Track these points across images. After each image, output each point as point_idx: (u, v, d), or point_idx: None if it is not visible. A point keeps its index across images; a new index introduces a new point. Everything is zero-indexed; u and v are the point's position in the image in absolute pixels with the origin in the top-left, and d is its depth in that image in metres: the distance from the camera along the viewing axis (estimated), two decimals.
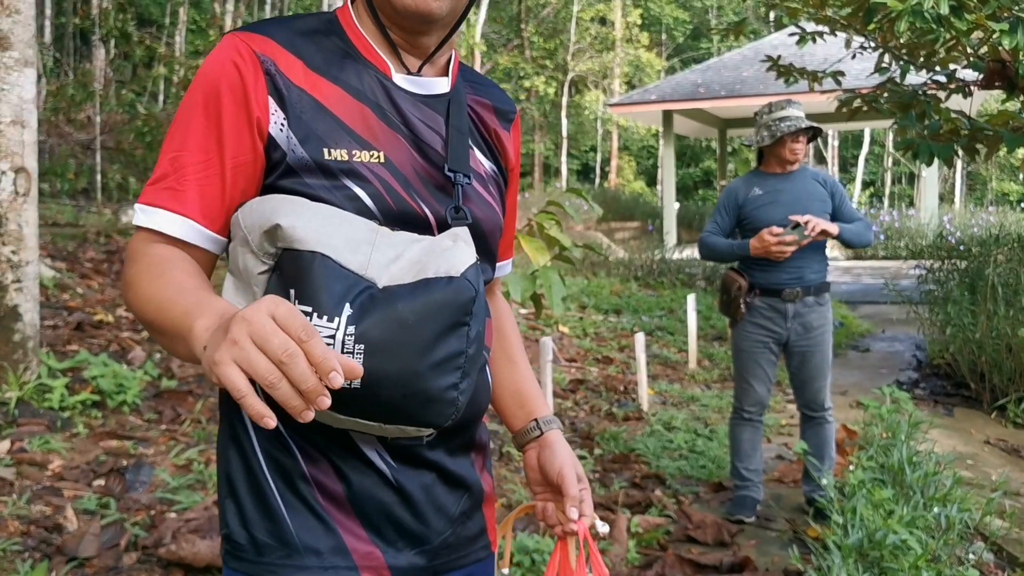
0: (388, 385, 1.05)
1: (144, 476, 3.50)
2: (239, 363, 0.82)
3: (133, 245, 1.13)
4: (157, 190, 1.12)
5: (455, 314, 1.09)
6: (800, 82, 8.44)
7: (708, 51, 33.66)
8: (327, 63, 1.15)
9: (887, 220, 19.60)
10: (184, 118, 1.13)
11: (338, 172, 1.11)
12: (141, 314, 1.08)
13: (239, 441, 1.17)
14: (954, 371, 6.67)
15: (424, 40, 1.20)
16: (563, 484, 1.28)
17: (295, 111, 1.11)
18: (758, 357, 3.98)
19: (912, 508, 3.59)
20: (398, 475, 1.16)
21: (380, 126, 1.16)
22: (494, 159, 1.32)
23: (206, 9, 25.00)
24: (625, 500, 4.07)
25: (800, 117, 3.88)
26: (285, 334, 0.83)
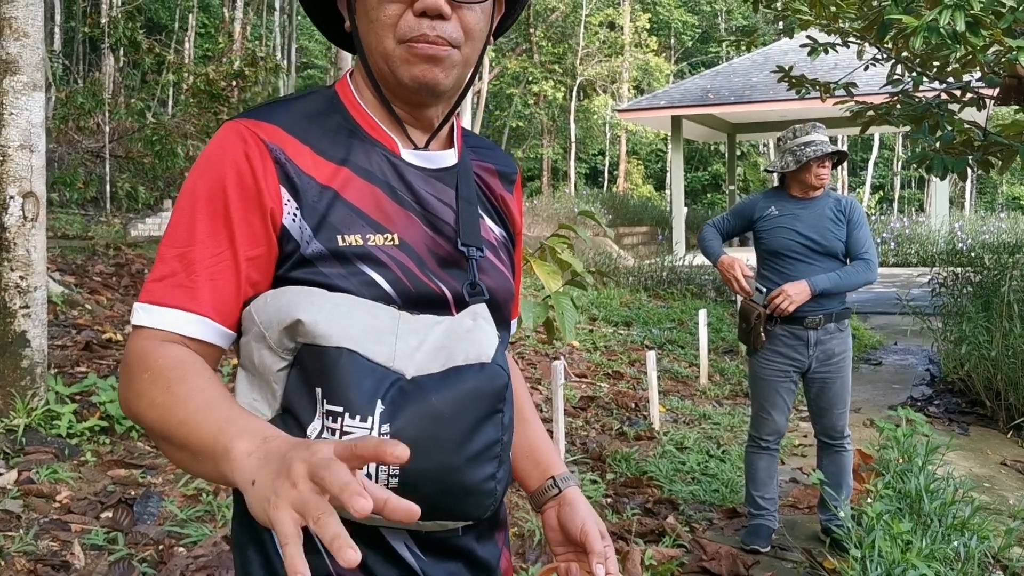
0: (426, 482, 1.03)
1: (152, 507, 3.46)
2: (295, 507, 0.76)
3: (136, 346, 1.04)
4: (164, 288, 1.05)
5: (490, 402, 1.09)
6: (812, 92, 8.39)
7: (717, 55, 33.60)
8: (334, 146, 1.11)
9: (897, 226, 19.49)
10: (188, 212, 1.07)
11: (353, 258, 1.07)
12: (155, 429, 0.98)
13: (260, 539, 1.11)
14: (969, 388, 6.60)
15: (428, 112, 1.17)
16: (587, 541, 1.25)
17: (307, 199, 1.07)
18: (778, 386, 3.92)
19: (931, 540, 3.53)
20: (426, 568, 1.12)
21: (392, 206, 1.12)
22: (503, 224, 1.29)
23: (215, 14, 25.05)
24: (639, 529, 4.02)
25: (825, 142, 3.81)
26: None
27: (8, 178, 3.83)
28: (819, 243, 3.82)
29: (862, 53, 8.33)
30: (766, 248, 3.94)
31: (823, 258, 3.83)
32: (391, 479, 1.01)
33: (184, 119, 13.42)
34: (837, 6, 7.14)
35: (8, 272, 3.88)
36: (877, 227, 20.25)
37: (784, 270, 3.87)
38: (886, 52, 7.50)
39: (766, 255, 3.96)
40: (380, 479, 1.01)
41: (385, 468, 1.01)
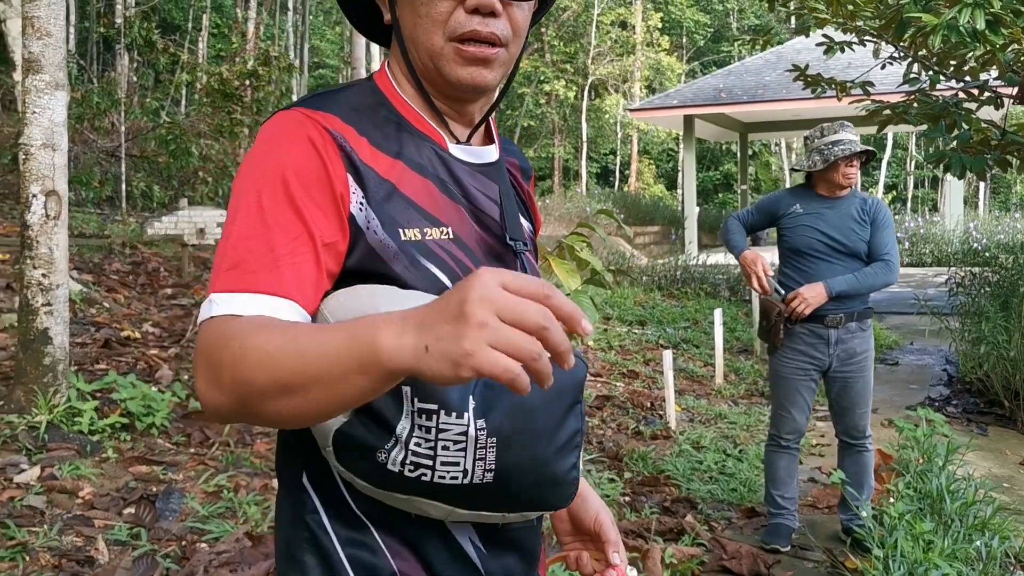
0: (520, 475, 1.03)
1: (174, 504, 3.47)
2: (497, 345, 0.73)
3: (212, 330, 0.94)
4: (240, 274, 0.97)
5: (573, 393, 1.10)
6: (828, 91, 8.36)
7: (729, 55, 33.51)
8: (387, 139, 1.10)
9: (911, 226, 19.40)
10: (254, 200, 1.01)
11: (414, 252, 1.06)
12: (270, 383, 0.87)
13: (319, 545, 1.08)
14: (987, 388, 6.56)
15: (470, 108, 1.17)
16: (602, 531, 1.27)
17: (371, 190, 1.05)
18: (798, 385, 3.91)
19: (952, 539, 3.51)
20: (485, 562, 1.12)
21: (444, 200, 1.12)
22: (529, 218, 1.30)
23: (228, 14, 25.12)
24: (658, 527, 4.01)
25: (854, 141, 3.80)
26: (534, 301, 0.76)
27: (31, 176, 3.85)
28: (842, 243, 3.80)
29: (879, 52, 8.29)
30: (789, 246, 3.93)
31: (846, 258, 3.81)
32: (487, 474, 1.00)
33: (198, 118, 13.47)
34: (855, 4, 7.10)
35: (31, 270, 3.90)
36: None
37: (806, 268, 3.86)
38: (903, 51, 7.47)
39: (788, 253, 3.95)
40: (476, 473, 1.00)
41: (482, 463, 1.00)
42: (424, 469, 0.99)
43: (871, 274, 3.76)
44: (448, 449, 0.98)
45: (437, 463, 0.99)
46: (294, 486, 1.10)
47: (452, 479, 1.00)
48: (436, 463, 0.99)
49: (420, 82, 1.13)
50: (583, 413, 1.14)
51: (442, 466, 0.99)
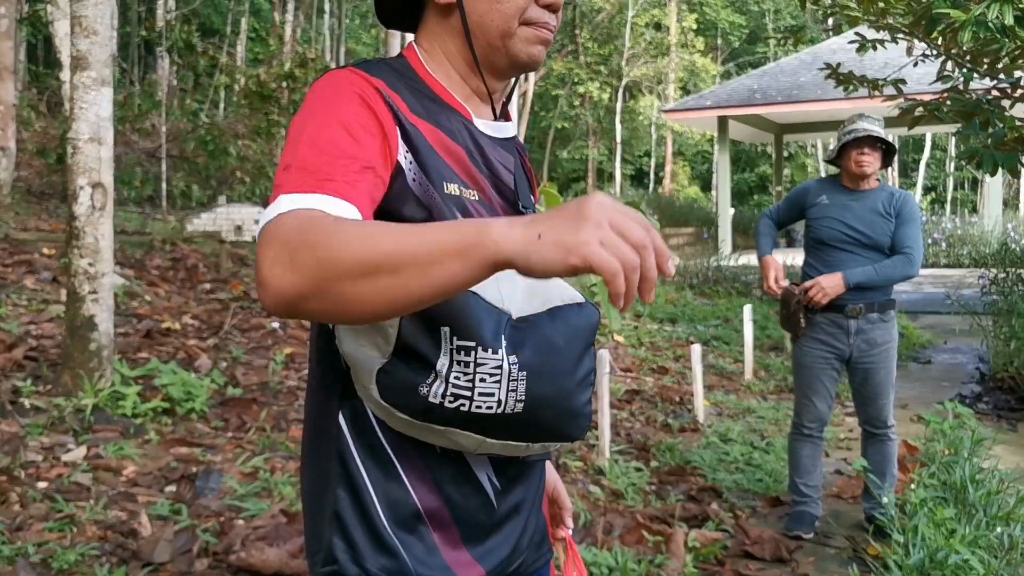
0: (546, 406, 1.15)
1: (213, 483, 3.61)
2: (606, 246, 0.83)
3: (288, 219, 0.95)
4: (310, 182, 1.01)
5: (589, 335, 1.22)
6: (860, 90, 8.35)
7: (764, 55, 33.33)
8: (422, 106, 1.21)
9: (949, 227, 19.19)
10: (315, 130, 1.08)
11: (454, 206, 1.17)
12: (361, 253, 0.89)
13: (352, 479, 1.18)
14: (1018, 385, 6.54)
15: (500, 85, 1.30)
16: (559, 499, 1.47)
17: (416, 144, 1.16)
18: (819, 373, 3.96)
19: (975, 527, 3.54)
20: (498, 497, 1.24)
21: (471, 167, 1.23)
22: (531, 190, 1.42)
23: (266, 18, 25.48)
24: (682, 514, 4.08)
25: (864, 128, 3.84)
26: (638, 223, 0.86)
27: (78, 169, 4.02)
28: (867, 235, 3.84)
29: (911, 49, 8.27)
30: (814, 236, 3.98)
31: (869, 251, 3.85)
32: (517, 404, 1.12)
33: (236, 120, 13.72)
34: (885, 1, 7.11)
35: (78, 259, 4.06)
36: (928, 228, 19.97)
37: (829, 259, 3.91)
38: (936, 48, 7.45)
39: (813, 243, 4.00)
40: (508, 403, 1.11)
41: (514, 394, 1.11)
42: (463, 400, 1.10)
43: (890, 266, 3.79)
44: (485, 381, 1.10)
45: (475, 394, 1.10)
46: (328, 425, 1.20)
47: (488, 409, 1.11)
48: (474, 394, 1.10)
49: (475, 58, 1.24)
50: (595, 355, 1.26)
51: (479, 396, 1.10)
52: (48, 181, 11.21)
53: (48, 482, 3.43)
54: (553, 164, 34.41)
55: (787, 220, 4.19)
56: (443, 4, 1.25)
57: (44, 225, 8.76)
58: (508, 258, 0.86)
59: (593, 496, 4.24)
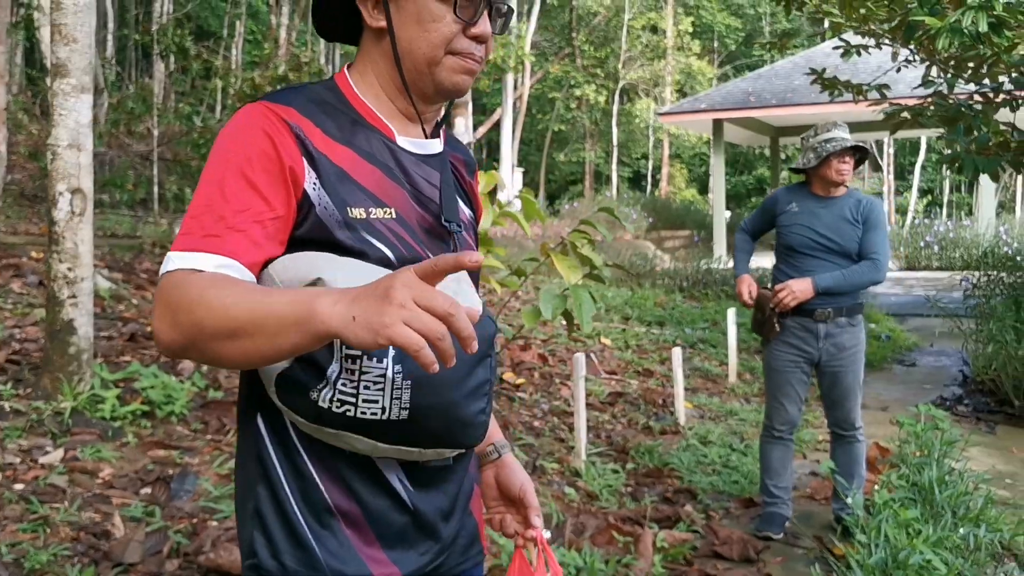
0: (432, 415, 1.22)
1: (188, 485, 3.66)
2: (410, 323, 0.92)
3: (171, 280, 1.12)
4: (195, 238, 1.15)
5: (482, 347, 1.26)
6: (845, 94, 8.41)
7: (761, 58, 33.39)
8: (340, 130, 1.28)
9: (942, 230, 19.25)
10: (217, 178, 1.19)
11: (359, 228, 1.23)
12: (219, 327, 1.05)
13: (270, 478, 1.25)
14: (998, 388, 6.59)
15: (430, 108, 1.37)
16: (525, 497, 1.47)
17: (323, 172, 1.23)
18: (789, 376, 4.02)
19: (941, 528, 3.59)
20: (414, 498, 1.29)
21: (389, 184, 1.29)
22: (471, 207, 1.48)
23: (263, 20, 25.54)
24: (654, 515, 4.13)
25: (846, 138, 3.90)
26: (443, 294, 0.95)
27: (57, 175, 4.07)
28: (835, 242, 3.90)
29: (896, 55, 8.33)
30: (784, 243, 4.04)
31: (838, 257, 3.91)
32: (402, 411, 1.19)
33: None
34: (867, 8, 7.17)
35: (57, 264, 4.11)
36: (920, 230, 20.03)
37: (799, 265, 3.96)
38: (920, 54, 7.51)
39: (783, 250, 4.06)
40: (392, 411, 1.18)
41: (398, 401, 1.18)
42: (349, 406, 1.17)
43: (858, 272, 3.85)
44: (369, 389, 1.17)
45: (360, 400, 1.17)
46: (251, 427, 1.28)
47: (372, 415, 1.18)
48: (359, 400, 1.17)
49: (405, 82, 1.31)
50: (493, 367, 1.32)
51: (364, 403, 1.17)
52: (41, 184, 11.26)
53: (25, 484, 3.48)
54: (550, 167, 34.47)
55: (761, 230, 4.26)
56: (376, 28, 1.31)
57: (34, 229, 8.81)
58: (334, 334, 0.98)
59: (568, 497, 4.29)
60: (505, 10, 1.33)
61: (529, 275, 4.46)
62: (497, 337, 1.40)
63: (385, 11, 1.29)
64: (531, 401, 5.95)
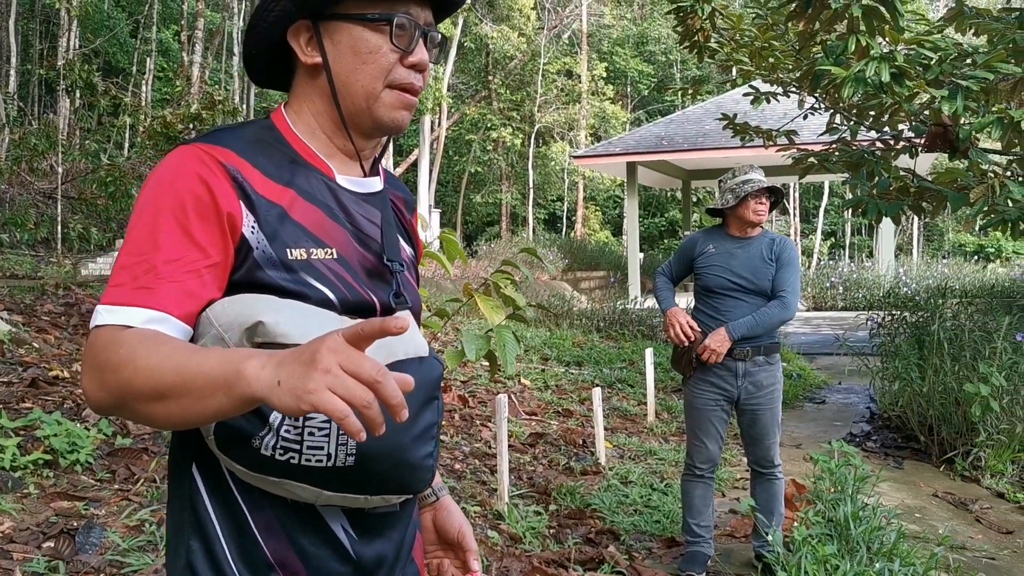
0: (380, 460, 1.18)
1: (95, 538, 3.48)
2: (335, 390, 0.89)
3: (101, 336, 1.09)
4: (127, 290, 1.12)
5: (429, 390, 1.26)
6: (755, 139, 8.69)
7: (673, 104, 34.31)
8: (279, 170, 1.24)
9: (845, 271, 19.96)
10: (148, 225, 1.15)
11: (299, 269, 1.20)
12: (147, 388, 1.02)
13: (204, 531, 1.19)
14: (904, 424, 6.81)
15: (369, 144, 1.34)
16: (464, 540, 1.46)
17: (262, 215, 1.19)
18: (710, 415, 4.07)
19: (857, 563, 3.66)
20: (356, 546, 1.24)
21: (331, 224, 1.26)
22: (411, 244, 1.46)
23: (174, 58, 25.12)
24: (578, 556, 4.11)
25: (762, 180, 4.01)
26: (370, 359, 0.92)
27: None
28: (751, 282, 3.99)
29: (803, 103, 8.66)
30: (702, 285, 4.11)
31: (755, 296, 4.00)
32: (348, 457, 1.15)
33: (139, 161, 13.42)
34: (775, 57, 7.44)
35: None
36: (826, 271, 20.72)
37: (717, 306, 4.04)
38: (826, 102, 7.82)
39: (702, 291, 4.13)
40: (339, 457, 1.14)
41: (344, 446, 1.14)
42: (292, 453, 1.12)
43: (767, 313, 3.94)
44: (314, 435, 1.13)
45: (304, 447, 1.13)
46: (184, 475, 1.22)
47: (317, 462, 1.13)
48: (303, 447, 1.13)
49: (342, 118, 1.28)
50: (440, 408, 1.30)
51: (308, 450, 1.13)
52: None
53: None
54: (467, 208, 34.59)
55: (680, 274, 4.30)
56: (310, 64, 1.28)
57: None
58: (260, 399, 0.95)
59: (491, 541, 4.24)
60: (439, 39, 1.33)
61: (451, 316, 4.43)
62: None
63: (319, 47, 1.27)
64: (452, 444, 5.89)
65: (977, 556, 4.61)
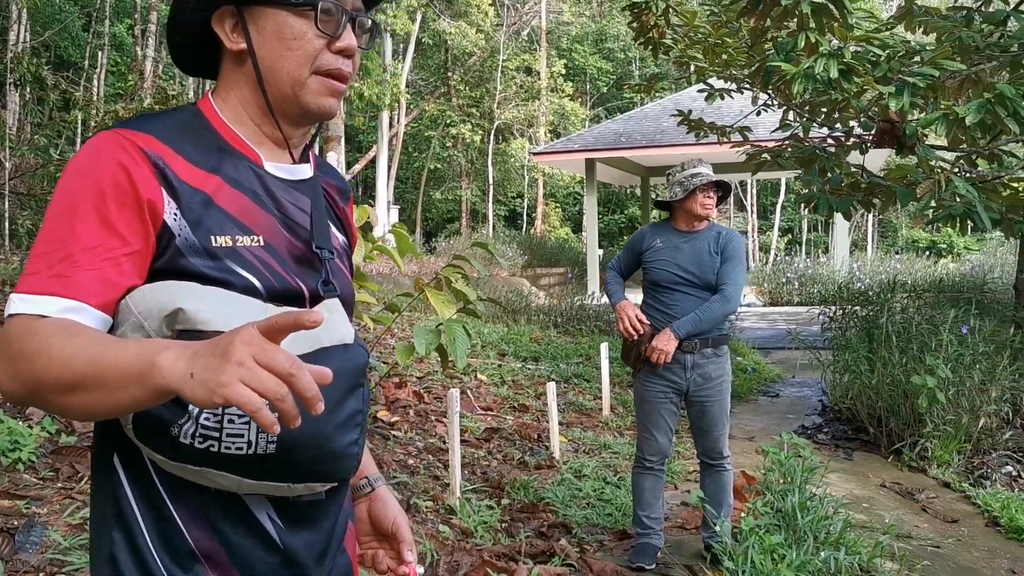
0: (302, 447, 1.16)
1: (35, 536, 3.42)
2: (248, 383, 0.88)
3: (14, 326, 1.07)
4: (42, 279, 1.10)
5: (354, 377, 1.24)
6: (710, 136, 8.77)
7: (631, 101, 34.48)
8: (204, 156, 1.22)
9: (801, 267, 20.21)
10: (66, 213, 1.13)
11: (224, 257, 1.18)
12: (61, 380, 1.01)
13: (125, 521, 1.17)
14: (854, 416, 6.91)
15: (298, 132, 1.32)
16: (398, 531, 1.44)
17: (184, 202, 1.17)
18: (659, 407, 4.09)
19: (804, 552, 3.71)
20: (283, 536, 1.23)
21: (257, 211, 1.24)
22: (344, 232, 1.44)
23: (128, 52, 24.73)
24: (529, 550, 4.11)
25: (710, 174, 4.05)
26: (285, 352, 0.91)
27: None
28: (697, 275, 4.02)
29: (756, 99, 8.75)
30: (650, 279, 4.14)
31: (700, 290, 4.03)
32: (269, 445, 1.13)
33: None
34: (728, 54, 7.51)
35: None
36: (782, 267, 20.96)
37: (664, 299, 4.07)
38: (779, 99, 7.91)
39: (649, 285, 4.16)
40: (259, 445, 1.13)
41: (264, 435, 1.12)
42: (212, 441, 1.11)
43: (710, 309, 3.98)
44: (234, 422, 1.11)
45: (223, 435, 1.11)
46: (106, 466, 1.20)
47: (237, 449, 1.12)
48: (223, 435, 1.11)
49: (270, 105, 1.26)
50: (366, 396, 1.28)
51: (228, 437, 1.11)
52: None
53: None
54: (427, 205, 34.48)
55: (630, 268, 4.33)
56: (236, 51, 1.26)
57: None
58: (174, 390, 0.94)
59: (442, 535, 4.23)
60: (369, 25, 1.31)
61: (403, 311, 4.41)
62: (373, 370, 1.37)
63: (244, 33, 1.25)
64: (406, 439, 5.86)
65: (922, 544, 4.70)
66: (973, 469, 5.96)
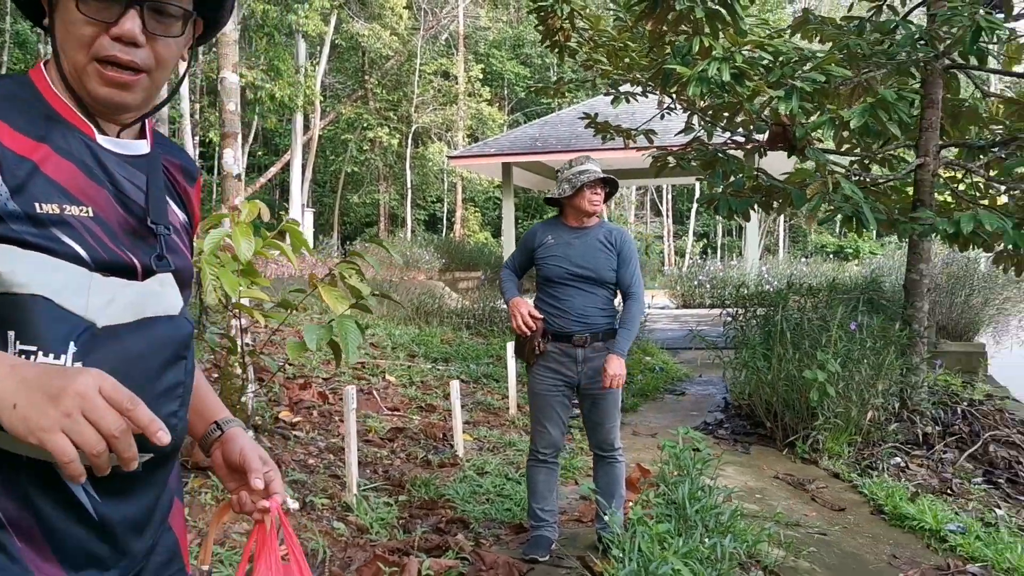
0: None
1: None
2: (68, 434, 0.90)
3: None
4: None
5: (177, 348, 1.24)
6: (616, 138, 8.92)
7: (548, 106, 34.77)
8: (32, 125, 1.20)
9: (713, 270, 20.68)
10: None
11: (49, 223, 1.16)
12: None
13: None
14: (752, 412, 7.10)
15: (120, 117, 1.30)
16: (245, 461, 1.40)
17: (6, 167, 1.14)
18: (551, 400, 4.15)
19: (692, 540, 3.80)
20: (99, 507, 1.20)
21: (88, 183, 1.22)
22: (185, 211, 1.44)
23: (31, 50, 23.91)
24: (424, 545, 4.12)
25: (597, 171, 4.12)
26: (116, 412, 0.92)
27: None
28: (590, 270, 4.09)
29: (662, 103, 8.94)
30: (542, 275, 4.19)
31: (593, 285, 4.11)
32: None
33: None
34: (631, 58, 7.66)
35: None
36: (694, 270, 21.41)
37: (557, 295, 4.12)
38: (682, 103, 8.10)
39: (543, 282, 4.21)
40: None
41: None
42: None
43: (632, 318, 4.09)
44: None
45: None
46: None
47: None
48: None
49: (70, 87, 1.24)
50: (189, 369, 1.28)
51: None
52: None
53: None
54: (345, 209, 34.18)
55: (524, 266, 4.37)
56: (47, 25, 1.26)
57: None
58: None
59: (337, 532, 4.20)
60: (172, 11, 1.25)
61: (296, 306, 4.38)
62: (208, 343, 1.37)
63: (49, 8, 1.24)
64: (307, 439, 5.81)
65: (810, 532, 4.85)
66: (862, 460, 6.19)
